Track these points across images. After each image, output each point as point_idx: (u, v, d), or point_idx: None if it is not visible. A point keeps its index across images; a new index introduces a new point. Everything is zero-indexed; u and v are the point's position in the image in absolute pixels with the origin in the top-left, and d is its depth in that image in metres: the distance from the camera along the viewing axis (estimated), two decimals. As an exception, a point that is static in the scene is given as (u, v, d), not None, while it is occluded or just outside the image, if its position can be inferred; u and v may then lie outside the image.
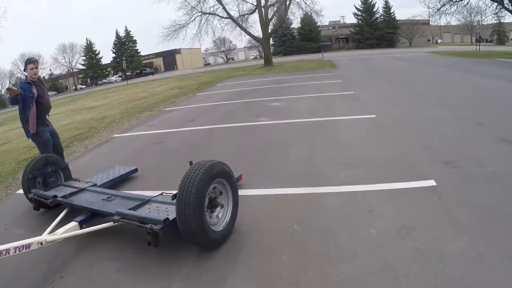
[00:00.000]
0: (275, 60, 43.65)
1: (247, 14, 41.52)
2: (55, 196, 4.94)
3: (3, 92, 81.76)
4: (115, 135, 11.04)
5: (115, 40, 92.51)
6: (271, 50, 44.89)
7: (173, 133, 9.95)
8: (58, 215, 4.70)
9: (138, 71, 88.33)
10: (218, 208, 3.93)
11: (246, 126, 9.37)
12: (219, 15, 40.66)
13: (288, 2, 39.38)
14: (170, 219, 3.58)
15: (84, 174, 6.38)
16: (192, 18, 40.38)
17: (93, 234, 4.25)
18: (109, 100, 25.84)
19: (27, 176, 5.53)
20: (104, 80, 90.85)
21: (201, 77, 34.04)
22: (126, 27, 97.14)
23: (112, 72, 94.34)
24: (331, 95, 13.19)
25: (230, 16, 40.15)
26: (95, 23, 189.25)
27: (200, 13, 40.30)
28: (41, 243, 3.85)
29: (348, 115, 9.35)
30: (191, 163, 3.90)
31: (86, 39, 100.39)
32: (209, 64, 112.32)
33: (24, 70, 6.44)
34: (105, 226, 4.10)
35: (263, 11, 39.63)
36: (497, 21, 48.29)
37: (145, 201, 4.25)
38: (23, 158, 11.21)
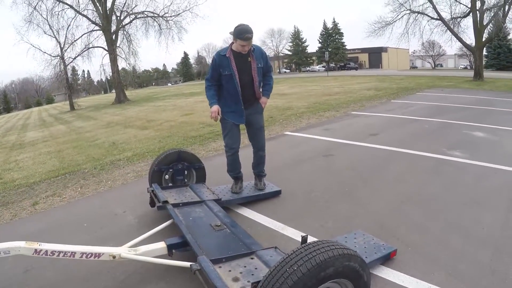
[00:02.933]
0: (486, 74, 39.32)
1: (460, 17, 37.60)
2: (165, 202, 4.46)
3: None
4: (287, 133, 10.38)
5: (322, 31, 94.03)
6: (483, 62, 40.83)
7: (347, 146, 8.68)
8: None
9: (342, 64, 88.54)
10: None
11: (433, 159, 7.26)
12: (428, 15, 37.42)
13: (507, 7, 34.92)
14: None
15: (223, 174, 5.95)
16: (399, 16, 37.89)
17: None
18: (303, 90, 25.68)
19: (153, 169, 5.36)
20: (308, 68, 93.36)
21: (403, 81, 31.97)
22: (334, 19, 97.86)
23: (316, 61, 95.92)
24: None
25: (440, 18, 36.83)
26: (304, 12, 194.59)
27: (408, 11, 37.73)
28: (114, 257, 3.43)
29: None
30: (303, 240, 2.78)
31: (294, 27, 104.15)
32: (416, 67, 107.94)
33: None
34: (181, 265, 3.37)
35: (478, 16, 35.87)
36: None
37: (248, 253, 3.26)
38: (192, 135, 11.23)
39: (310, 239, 3.94)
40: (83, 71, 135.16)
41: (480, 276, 3.40)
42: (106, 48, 40.05)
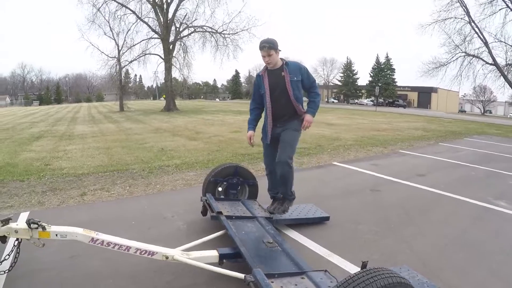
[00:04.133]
0: (543, 124, 38.51)
1: (515, 64, 37.37)
2: (219, 213, 4.57)
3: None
4: (336, 163, 10.36)
5: (374, 65, 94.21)
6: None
7: (395, 183, 8.63)
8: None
9: (391, 100, 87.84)
10: None
11: (478, 207, 7.14)
12: (483, 59, 36.93)
13: None
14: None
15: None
16: (454, 58, 37.75)
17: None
18: (351, 122, 25.63)
19: (209, 179, 5.47)
20: (356, 101, 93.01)
21: (451, 124, 31.44)
22: (387, 54, 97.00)
23: (365, 94, 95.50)
24: None
25: (495, 63, 36.10)
26: (358, 44, 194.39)
27: (463, 54, 37.44)
28: (167, 257, 3.55)
29: None
30: (364, 265, 2.85)
31: (347, 57, 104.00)
32: (465, 111, 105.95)
33: None
34: (236, 275, 3.39)
35: (535, 63, 35.21)
36: None
37: (299, 272, 3.35)
38: (241, 152, 11.37)
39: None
40: (135, 75, 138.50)
41: None
42: (163, 56, 41.01)
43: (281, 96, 5.04)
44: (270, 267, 3.34)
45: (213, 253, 3.69)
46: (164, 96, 50.10)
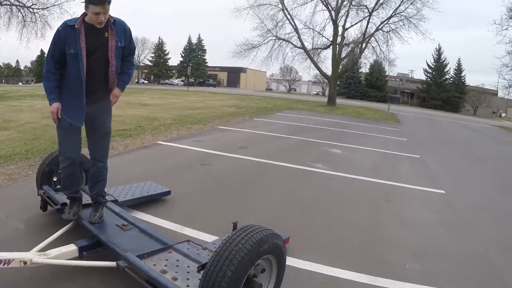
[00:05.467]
0: (338, 101, 42.76)
1: (321, 48, 41.05)
2: (64, 205, 4.12)
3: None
4: (160, 142, 10.35)
5: (186, 45, 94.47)
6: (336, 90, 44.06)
7: (221, 157, 9.07)
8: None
9: (201, 80, 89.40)
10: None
11: (300, 171, 8.31)
12: (292, 43, 40.33)
13: (364, 45, 38.58)
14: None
15: (111, 179, 4.95)
16: (266, 41, 40.32)
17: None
18: (166, 102, 25.57)
19: (43, 169, 4.77)
20: (167, 81, 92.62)
21: (261, 102, 33.40)
22: (199, 35, 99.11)
23: (176, 74, 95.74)
24: (396, 154, 12.01)
25: (303, 47, 39.67)
26: (171, 24, 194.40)
27: (274, 38, 40.12)
28: (25, 262, 3.08)
29: (414, 184, 8.15)
30: (235, 226, 3.04)
31: (159, 37, 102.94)
32: (271, 89, 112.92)
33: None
34: (108, 265, 3.25)
35: (337, 49, 39.03)
36: None
37: (164, 247, 3.37)
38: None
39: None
40: None
41: (354, 254, 4.52)
42: None
43: (99, 63, 3.80)
44: (135, 249, 3.27)
45: (72, 248, 3.42)
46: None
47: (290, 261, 3.83)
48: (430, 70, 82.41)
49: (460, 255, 4.80)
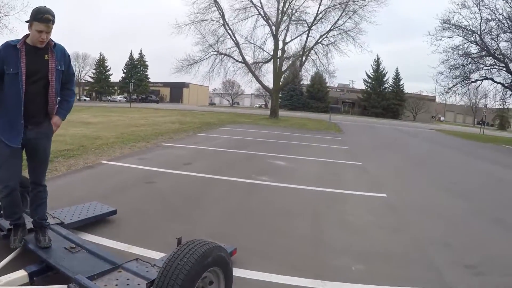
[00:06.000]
0: (281, 113, 43.51)
1: (262, 62, 41.59)
2: (10, 230, 4.02)
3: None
4: (104, 161, 10.22)
5: (128, 61, 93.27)
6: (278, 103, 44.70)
7: (166, 174, 9.07)
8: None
9: (144, 96, 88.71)
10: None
11: (246, 184, 8.46)
12: (234, 58, 40.62)
13: (304, 58, 39.42)
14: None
15: (55, 201, 5.13)
16: (207, 56, 40.35)
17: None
18: (108, 120, 25.23)
19: None
20: (109, 98, 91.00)
21: (204, 117, 33.51)
22: (141, 51, 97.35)
23: (118, 91, 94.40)
24: (338, 162, 12.43)
25: (244, 61, 40.08)
26: (112, 39, 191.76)
27: (215, 53, 40.31)
28: None
29: (357, 190, 8.55)
30: (179, 241, 3.13)
31: (100, 53, 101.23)
32: (214, 104, 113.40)
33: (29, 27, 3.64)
34: None
35: (278, 63, 39.68)
36: (503, 106, 49.10)
37: (114, 267, 3.39)
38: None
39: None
40: None
41: (304, 260, 4.67)
42: None
43: (39, 86, 3.75)
44: (85, 271, 3.27)
45: (22, 273, 3.38)
46: None
47: (238, 272, 3.94)
48: (369, 80, 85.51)
49: (399, 253, 5.09)
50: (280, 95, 49.08)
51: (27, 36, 3.70)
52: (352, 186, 8.90)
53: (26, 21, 3.63)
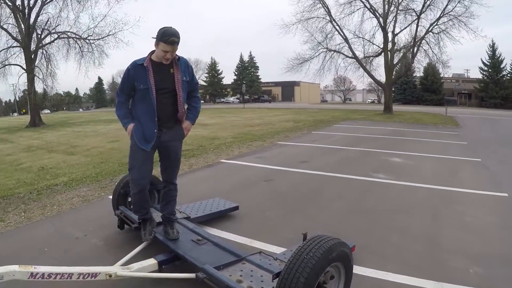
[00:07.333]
0: (394, 107, 42.06)
1: (372, 56, 40.48)
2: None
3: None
4: (223, 160, 10.79)
5: (239, 64, 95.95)
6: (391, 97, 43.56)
7: (284, 172, 9.34)
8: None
9: (256, 96, 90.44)
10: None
11: (362, 181, 8.43)
12: (344, 54, 39.99)
13: (415, 49, 37.94)
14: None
15: (181, 197, 5.31)
16: (317, 54, 40.19)
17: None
18: (224, 121, 26.13)
19: (119, 191, 5.29)
20: (222, 100, 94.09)
21: (318, 114, 33.49)
22: (250, 53, 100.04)
23: (231, 93, 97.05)
24: (456, 159, 11.80)
25: (355, 56, 39.37)
26: (221, 44, 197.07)
27: (325, 50, 40.06)
28: (110, 275, 3.47)
29: (476, 188, 8.03)
30: (305, 236, 3.32)
31: (211, 58, 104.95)
32: (326, 101, 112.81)
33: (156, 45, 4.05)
34: (187, 276, 3.61)
35: (389, 55, 38.55)
36: None
37: (238, 259, 3.68)
38: (126, 161, 11.19)
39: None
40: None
41: (420, 260, 4.61)
42: (25, 66, 37.76)
43: (168, 96, 4.19)
44: (211, 261, 3.58)
45: (152, 262, 3.80)
46: (23, 110, 46.12)
47: (356, 269, 4.02)
48: (486, 68, 79.06)
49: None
50: (393, 89, 47.73)
51: (152, 52, 4.16)
52: (471, 184, 8.41)
53: (153, 37, 4.04)
